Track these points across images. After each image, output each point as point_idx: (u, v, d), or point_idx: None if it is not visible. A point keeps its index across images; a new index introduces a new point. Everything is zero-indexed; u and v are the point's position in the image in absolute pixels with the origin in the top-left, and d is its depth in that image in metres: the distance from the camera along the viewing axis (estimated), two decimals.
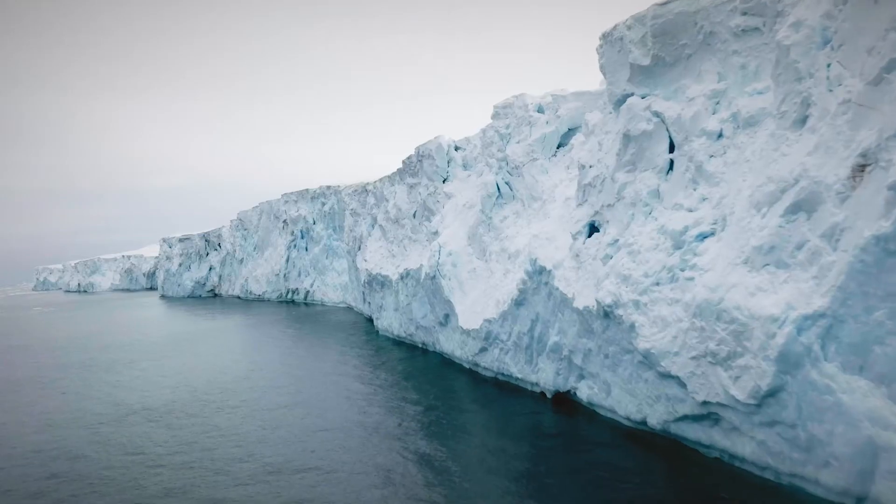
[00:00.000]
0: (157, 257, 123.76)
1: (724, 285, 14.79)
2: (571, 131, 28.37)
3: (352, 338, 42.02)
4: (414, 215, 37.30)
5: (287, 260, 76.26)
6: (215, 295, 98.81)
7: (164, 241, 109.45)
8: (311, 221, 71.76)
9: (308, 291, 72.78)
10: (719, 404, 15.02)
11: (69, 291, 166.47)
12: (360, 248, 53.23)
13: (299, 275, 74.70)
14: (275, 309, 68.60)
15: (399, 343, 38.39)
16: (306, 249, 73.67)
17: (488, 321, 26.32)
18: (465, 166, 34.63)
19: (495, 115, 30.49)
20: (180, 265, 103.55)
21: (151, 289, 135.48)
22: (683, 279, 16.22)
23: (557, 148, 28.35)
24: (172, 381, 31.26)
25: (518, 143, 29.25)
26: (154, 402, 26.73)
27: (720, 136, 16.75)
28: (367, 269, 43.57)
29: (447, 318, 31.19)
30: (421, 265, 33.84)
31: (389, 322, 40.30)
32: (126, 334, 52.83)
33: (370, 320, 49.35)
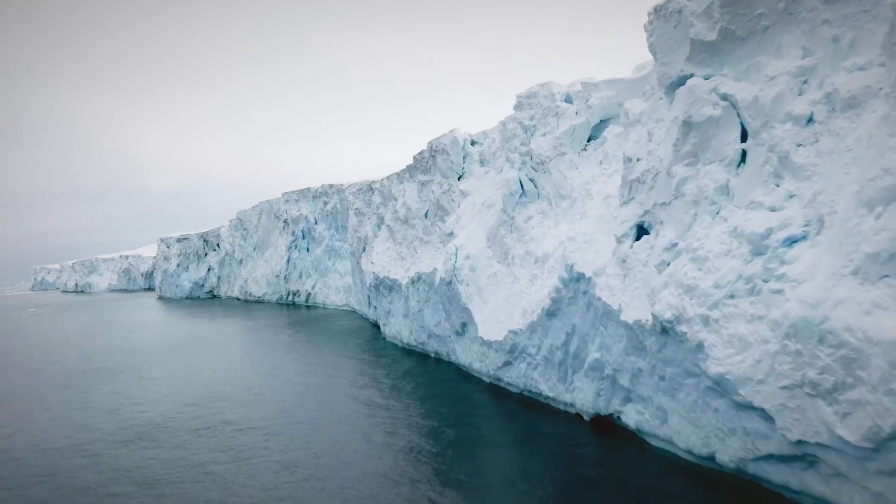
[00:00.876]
0: (155, 257, 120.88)
1: (827, 301, 12.06)
2: (603, 123, 25.65)
3: (358, 346, 39.25)
4: (426, 215, 34.55)
5: (288, 261, 73.47)
6: (214, 296, 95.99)
7: (161, 241, 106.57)
8: (313, 221, 68.98)
9: (309, 294, 69.99)
10: (819, 445, 12.29)
11: (66, 292, 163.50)
12: (364, 250, 50.53)
13: (300, 276, 71.92)
14: (275, 312, 65.82)
15: (409, 352, 35.64)
16: (307, 250, 70.90)
17: (514, 332, 23.59)
18: (482, 162, 31.88)
19: (518, 106, 27.75)
20: (178, 266, 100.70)
21: (149, 289, 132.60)
22: (768, 292, 13.48)
23: (588, 141, 25.63)
24: (169, 393, 28.50)
25: (544, 135, 26.52)
26: (150, 421, 23.98)
27: (810, 120, 14.01)
28: (373, 272, 40.81)
29: (465, 328, 28.45)
30: (434, 269, 31.09)
31: (398, 329, 37.55)
32: (121, 339, 50.02)
33: (376, 326, 46.61)
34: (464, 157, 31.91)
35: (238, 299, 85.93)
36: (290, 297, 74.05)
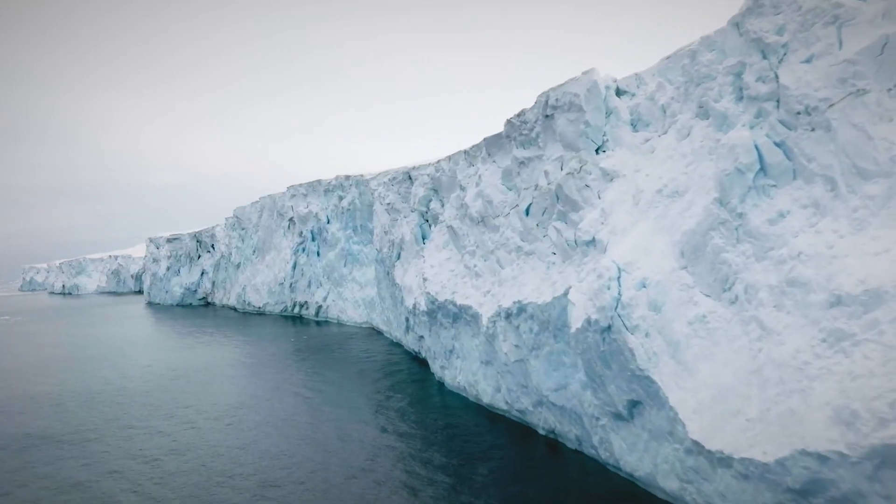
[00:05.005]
0: (144, 258, 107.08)
1: None
2: None
3: (407, 401, 26.20)
4: (526, 211, 21.49)
5: (294, 266, 60.21)
6: (207, 303, 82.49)
7: (150, 241, 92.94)
8: (325, 220, 55.79)
9: (320, 306, 56.77)
10: None
11: (54, 293, 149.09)
12: (399, 257, 37.55)
13: (309, 285, 58.66)
14: (280, 329, 52.60)
15: (493, 418, 22.71)
16: (318, 254, 57.70)
17: (820, 459, 10.69)
18: (634, 124, 18.90)
19: (753, 9, 14.80)
20: (168, 269, 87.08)
21: (139, 292, 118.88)
22: None
23: None
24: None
25: (808, 62, 13.68)
26: None
27: None
28: (427, 293, 27.79)
29: (635, 409, 15.55)
30: (559, 299, 18.15)
31: (471, 378, 24.60)
32: (90, 368, 36.65)
33: (417, 359, 33.70)
34: (606, 116, 18.88)
35: (235, 309, 72.44)
36: (297, 309, 60.84)
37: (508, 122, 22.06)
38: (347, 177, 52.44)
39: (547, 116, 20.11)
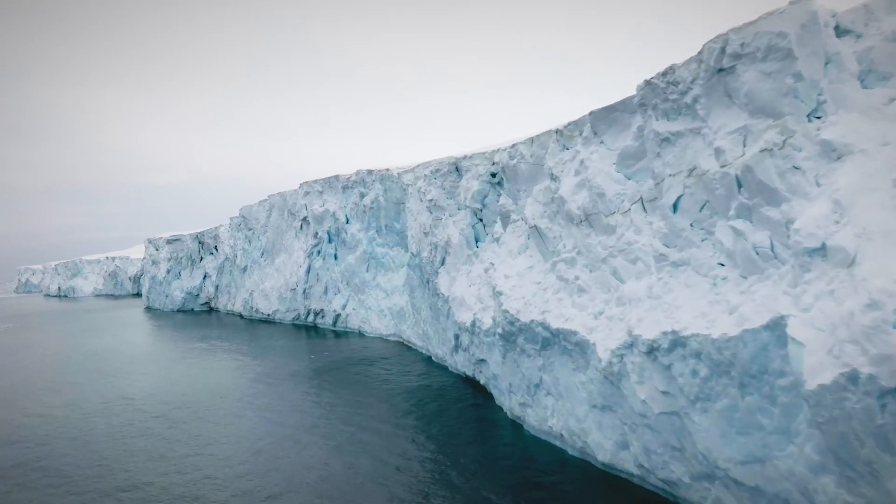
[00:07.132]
0: (143, 259, 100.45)
1: None
2: None
3: (472, 443, 20.06)
4: (674, 207, 15.36)
5: (308, 271, 53.92)
6: (211, 309, 76.05)
7: (149, 242, 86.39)
8: (344, 219, 49.55)
9: (339, 315, 50.49)
10: None
11: (49, 296, 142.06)
12: (444, 263, 31.51)
13: (326, 292, 52.37)
14: (295, 341, 46.32)
15: (611, 482, 16.64)
16: (335, 257, 51.44)
17: None
18: (863, 78, 12.82)
19: None
20: (168, 272, 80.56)
21: (137, 294, 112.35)
22: None
23: None
24: None
25: None
26: None
27: None
28: (504, 311, 21.64)
29: None
30: (753, 332, 12.07)
31: (573, 425, 18.48)
32: (82, 393, 30.28)
33: (471, 384, 27.59)
34: (825, 65, 12.79)
35: (241, 316, 66.09)
36: (311, 318, 54.53)
37: (647, 83, 15.87)
38: (370, 171, 46.17)
39: (720, 71, 13.96)
